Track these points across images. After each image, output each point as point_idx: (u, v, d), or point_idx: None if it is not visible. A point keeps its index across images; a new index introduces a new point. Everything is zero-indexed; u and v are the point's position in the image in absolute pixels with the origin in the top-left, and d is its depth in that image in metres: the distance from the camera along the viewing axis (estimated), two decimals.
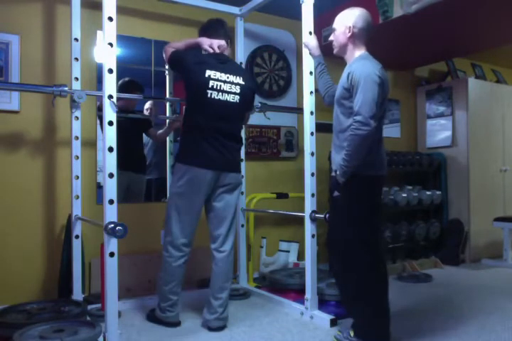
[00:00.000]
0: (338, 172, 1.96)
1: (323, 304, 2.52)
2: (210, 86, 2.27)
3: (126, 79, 3.03)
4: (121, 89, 2.94)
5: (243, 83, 2.38)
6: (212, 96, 2.28)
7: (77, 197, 2.55)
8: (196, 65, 2.28)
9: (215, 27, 2.44)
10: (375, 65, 1.95)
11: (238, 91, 2.35)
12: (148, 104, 3.20)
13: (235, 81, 2.35)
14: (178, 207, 2.29)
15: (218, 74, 2.30)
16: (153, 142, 3.29)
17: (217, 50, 2.36)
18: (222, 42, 2.39)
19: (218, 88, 2.29)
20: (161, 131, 3.21)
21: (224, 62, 2.36)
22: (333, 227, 2.13)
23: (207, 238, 2.60)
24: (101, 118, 1.96)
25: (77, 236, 2.56)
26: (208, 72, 2.27)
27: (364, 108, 1.84)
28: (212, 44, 2.36)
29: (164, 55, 2.38)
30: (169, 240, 2.30)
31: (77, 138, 2.56)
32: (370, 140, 1.87)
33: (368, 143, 1.87)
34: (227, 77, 2.32)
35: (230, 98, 2.32)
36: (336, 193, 2.04)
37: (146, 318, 2.46)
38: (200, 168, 2.25)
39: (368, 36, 2.06)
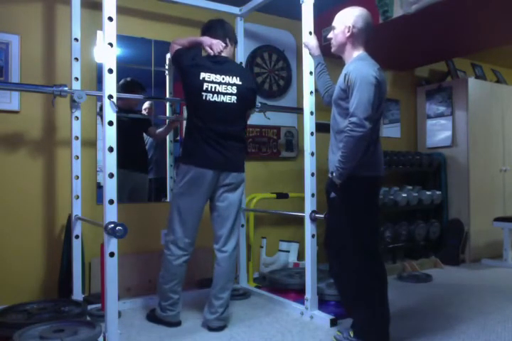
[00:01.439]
0: (334, 174, 1.96)
1: (323, 304, 2.52)
2: (204, 88, 2.28)
3: (129, 78, 3.05)
4: (123, 88, 2.95)
5: (240, 83, 2.37)
6: (208, 98, 2.29)
7: (77, 197, 2.55)
8: (192, 67, 2.30)
9: (215, 27, 2.45)
10: (372, 65, 1.93)
11: (235, 91, 2.35)
12: (146, 104, 3.21)
13: (231, 81, 2.35)
14: (179, 208, 2.31)
15: (213, 76, 2.30)
16: (153, 141, 3.30)
17: (216, 52, 2.36)
18: (215, 42, 2.38)
19: (213, 90, 2.29)
20: (160, 130, 3.22)
21: (221, 63, 2.36)
22: (330, 229, 2.13)
23: (208, 238, 2.60)
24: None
25: (77, 236, 2.56)
26: (203, 75, 2.29)
27: (359, 109, 1.83)
28: (212, 45, 2.36)
29: (170, 52, 2.43)
30: (171, 239, 2.32)
31: (77, 138, 2.56)
32: (366, 141, 1.86)
33: (363, 144, 1.86)
34: (223, 78, 2.32)
35: (226, 99, 2.32)
36: (332, 194, 2.03)
37: (146, 318, 2.47)
38: (201, 167, 2.26)
39: (368, 37, 2.05)
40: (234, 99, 2.34)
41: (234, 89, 2.35)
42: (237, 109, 2.37)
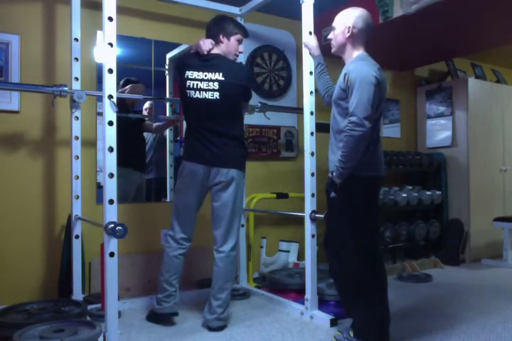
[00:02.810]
0: (334, 174, 1.96)
1: (323, 304, 2.52)
2: (187, 86, 2.33)
3: (133, 79, 3.07)
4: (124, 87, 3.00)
5: (222, 79, 2.32)
6: (191, 96, 2.34)
7: (77, 197, 2.55)
8: (179, 68, 2.39)
9: (209, 27, 2.44)
10: (372, 65, 1.94)
11: (217, 87, 2.32)
12: (147, 104, 3.21)
13: (213, 78, 2.33)
14: (176, 204, 2.41)
15: (196, 74, 2.33)
16: (153, 141, 3.30)
17: (203, 52, 2.35)
18: (202, 42, 2.36)
19: (195, 87, 2.32)
20: (159, 124, 3.26)
21: (207, 61, 2.36)
22: (330, 229, 2.13)
23: (208, 238, 2.61)
24: None
25: (77, 236, 2.56)
26: (187, 73, 2.34)
27: (359, 109, 1.83)
28: (197, 46, 2.38)
29: None
30: (171, 234, 2.41)
31: (77, 138, 2.56)
32: (365, 141, 1.86)
33: (363, 144, 1.86)
34: (205, 75, 2.33)
35: (208, 95, 2.32)
36: (332, 194, 2.03)
37: (146, 318, 2.47)
38: (193, 162, 2.35)
39: (368, 37, 2.05)
40: (216, 95, 2.32)
41: (216, 85, 2.32)
42: (221, 105, 2.33)
